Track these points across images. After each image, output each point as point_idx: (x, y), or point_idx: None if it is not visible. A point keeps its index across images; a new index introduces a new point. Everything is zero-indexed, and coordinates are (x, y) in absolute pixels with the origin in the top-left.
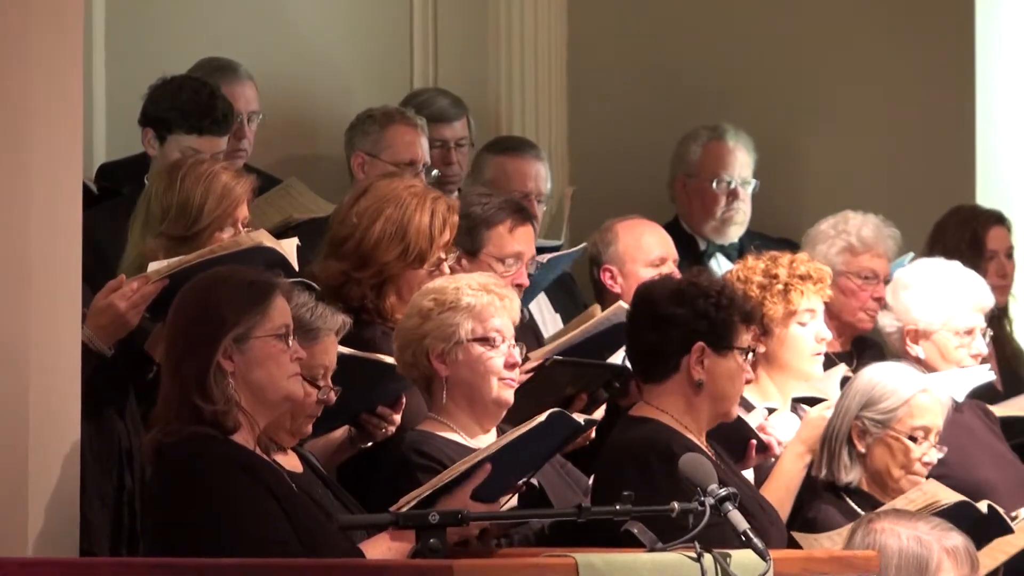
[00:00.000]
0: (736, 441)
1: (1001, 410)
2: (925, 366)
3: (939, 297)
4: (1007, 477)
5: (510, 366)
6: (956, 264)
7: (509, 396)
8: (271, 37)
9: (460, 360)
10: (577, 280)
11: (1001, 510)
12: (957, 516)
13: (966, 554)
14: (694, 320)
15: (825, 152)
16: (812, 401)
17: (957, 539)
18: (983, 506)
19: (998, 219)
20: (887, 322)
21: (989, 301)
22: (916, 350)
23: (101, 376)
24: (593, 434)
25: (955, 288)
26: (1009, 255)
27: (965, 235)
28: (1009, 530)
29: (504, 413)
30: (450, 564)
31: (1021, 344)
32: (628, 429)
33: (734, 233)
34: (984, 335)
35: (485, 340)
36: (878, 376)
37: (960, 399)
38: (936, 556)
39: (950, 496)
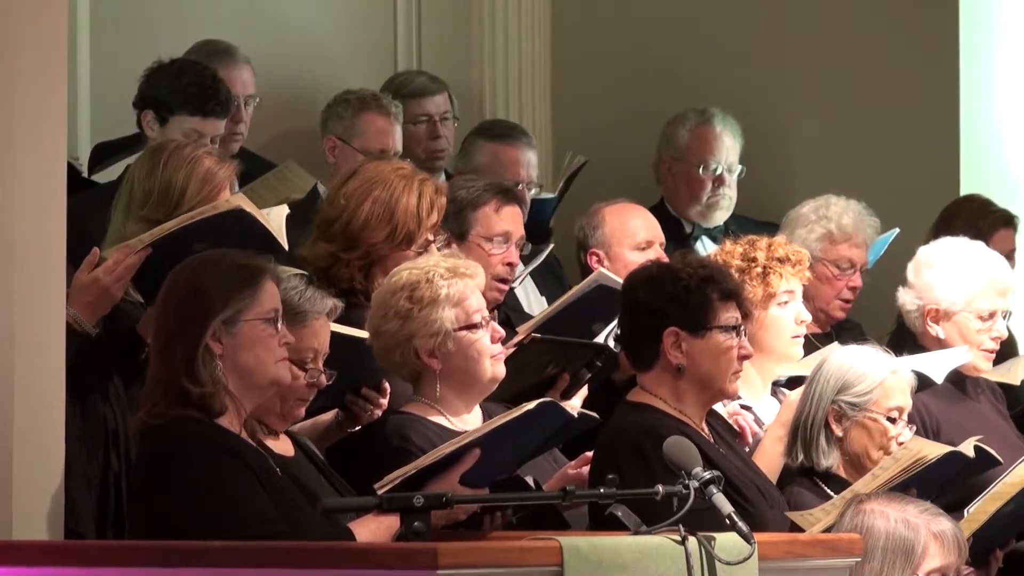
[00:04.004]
0: None
1: (989, 374)
2: (944, 346)
3: (963, 278)
4: (1014, 461)
5: (496, 340)
6: (980, 244)
7: (502, 370)
8: (257, 19)
9: (451, 350)
10: (564, 264)
11: (986, 447)
12: (946, 466)
13: (954, 540)
14: (663, 305)
15: (810, 136)
16: (800, 380)
17: (946, 524)
18: (969, 449)
19: (1006, 221)
20: (908, 299)
21: (1013, 283)
22: (936, 330)
23: (85, 356)
24: None
25: (979, 270)
26: (1009, 257)
27: (969, 233)
28: (996, 462)
29: (496, 387)
30: (434, 547)
31: (1016, 337)
32: (624, 415)
33: (719, 217)
34: (1005, 317)
35: (470, 326)
36: (849, 360)
37: (939, 380)
38: (923, 540)
39: (936, 449)
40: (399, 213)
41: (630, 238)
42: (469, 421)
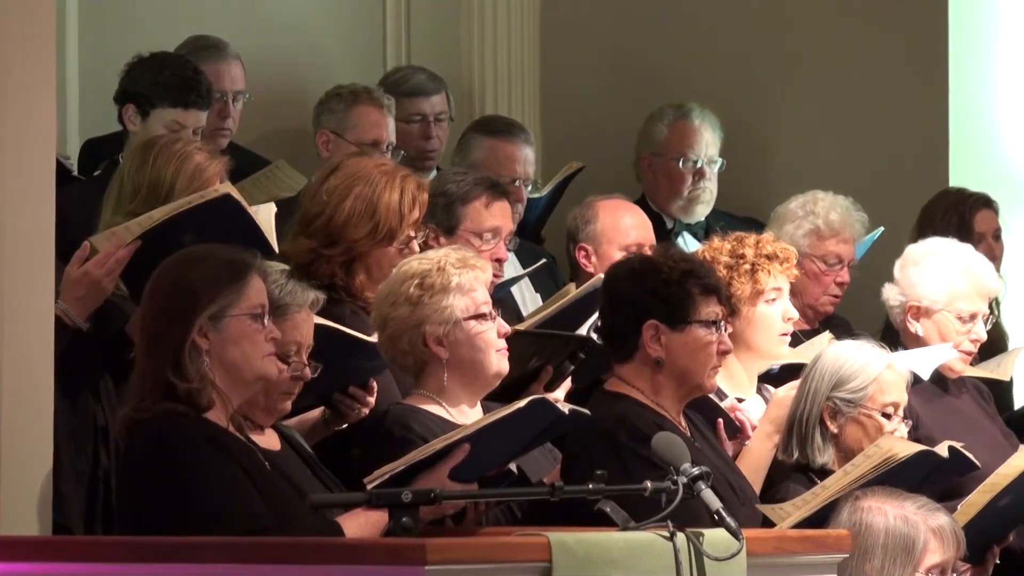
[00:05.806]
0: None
1: (978, 371)
2: (922, 344)
3: (947, 278)
4: (998, 461)
5: (502, 335)
6: (968, 247)
7: (506, 366)
8: (247, 15)
9: (459, 340)
10: (558, 258)
11: (961, 447)
12: (918, 466)
13: (952, 535)
14: (644, 298)
15: (791, 131)
16: (796, 367)
17: (943, 519)
18: (943, 450)
19: (985, 202)
20: (891, 295)
21: (996, 287)
22: (916, 327)
23: (76, 352)
24: None
25: (964, 271)
26: (997, 237)
27: (953, 219)
28: (974, 466)
29: (499, 383)
30: (423, 543)
31: (1006, 327)
32: (600, 405)
33: (700, 212)
34: (986, 321)
35: (479, 316)
36: (843, 355)
37: (925, 376)
38: (923, 536)
39: (907, 448)
40: (381, 209)
41: (621, 238)
42: (471, 416)
